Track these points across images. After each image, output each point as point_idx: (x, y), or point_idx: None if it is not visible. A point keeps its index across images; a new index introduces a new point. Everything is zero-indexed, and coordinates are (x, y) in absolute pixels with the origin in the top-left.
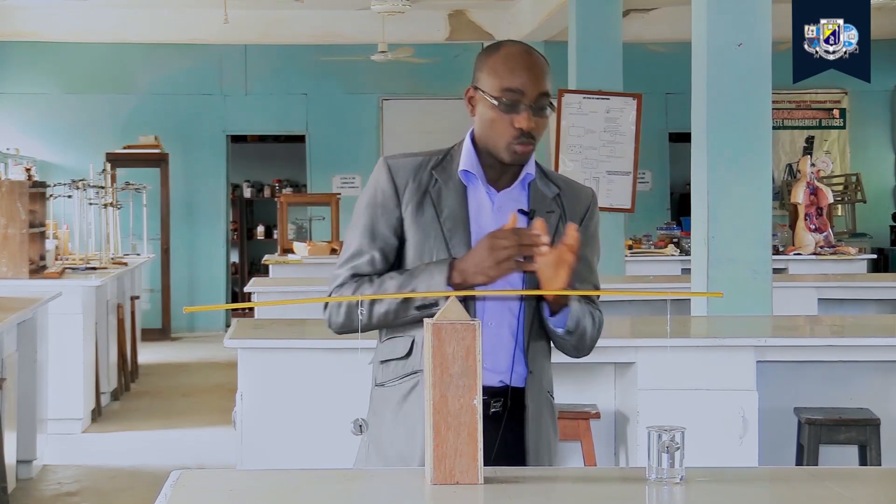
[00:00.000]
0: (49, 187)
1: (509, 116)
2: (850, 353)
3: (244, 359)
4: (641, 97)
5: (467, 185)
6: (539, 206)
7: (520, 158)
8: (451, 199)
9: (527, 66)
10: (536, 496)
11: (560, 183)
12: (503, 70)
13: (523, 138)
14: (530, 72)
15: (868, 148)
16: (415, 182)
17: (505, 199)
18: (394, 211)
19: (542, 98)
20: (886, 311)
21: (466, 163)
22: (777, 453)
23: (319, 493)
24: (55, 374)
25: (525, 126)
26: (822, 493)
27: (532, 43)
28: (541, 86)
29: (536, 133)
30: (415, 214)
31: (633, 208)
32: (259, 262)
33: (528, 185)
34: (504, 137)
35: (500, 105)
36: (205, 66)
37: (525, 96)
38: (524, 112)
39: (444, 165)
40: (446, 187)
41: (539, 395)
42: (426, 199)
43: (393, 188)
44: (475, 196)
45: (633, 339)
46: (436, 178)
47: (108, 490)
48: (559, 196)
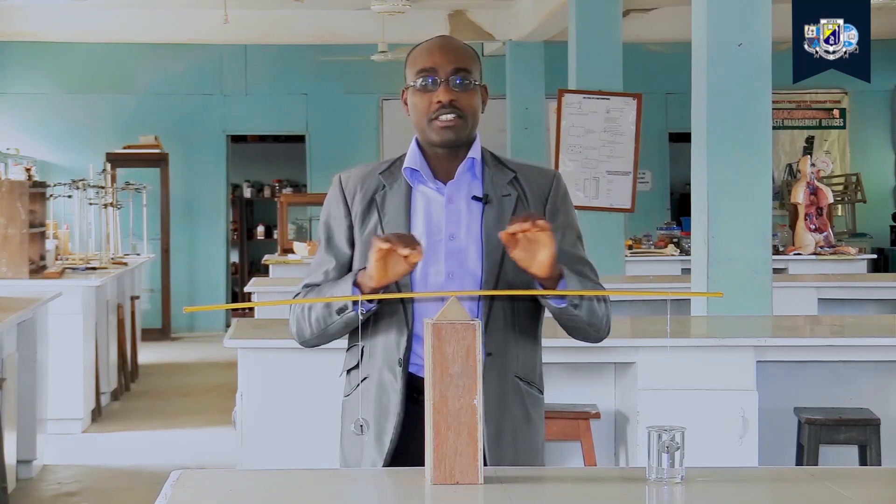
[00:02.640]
0: (49, 187)
1: (428, 94)
2: (850, 353)
3: (244, 359)
4: (641, 97)
5: (413, 185)
6: (493, 191)
7: (449, 134)
8: (395, 203)
9: (439, 47)
10: (536, 496)
11: (515, 167)
12: (418, 57)
13: (444, 110)
14: (442, 50)
15: (868, 148)
16: (362, 190)
17: (455, 189)
18: (343, 221)
19: (458, 73)
20: (886, 311)
21: (410, 161)
22: (777, 453)
23: (319, 493)
24: (55, 374)
25: (443, 98)
26: (822, 493)
27: (532, 43)
28: (455, 62)
29: (460, 105)
30: (361, 222)
31: (633, 208)
32: (259, 262)
33: (482, 172)
34: (426, 115)
35: (418, 87)
36: (205, 66)
37: (438, 72)
38: (440, 86)
39: (391, 170)
40: (391, 190)
41: (501, 378)
42: (372, 204)
43: (342, 199)
44: (423, 194)
45: (633, 339)
46: (383, 182)
47: (108, 490)
48: (515, 179)
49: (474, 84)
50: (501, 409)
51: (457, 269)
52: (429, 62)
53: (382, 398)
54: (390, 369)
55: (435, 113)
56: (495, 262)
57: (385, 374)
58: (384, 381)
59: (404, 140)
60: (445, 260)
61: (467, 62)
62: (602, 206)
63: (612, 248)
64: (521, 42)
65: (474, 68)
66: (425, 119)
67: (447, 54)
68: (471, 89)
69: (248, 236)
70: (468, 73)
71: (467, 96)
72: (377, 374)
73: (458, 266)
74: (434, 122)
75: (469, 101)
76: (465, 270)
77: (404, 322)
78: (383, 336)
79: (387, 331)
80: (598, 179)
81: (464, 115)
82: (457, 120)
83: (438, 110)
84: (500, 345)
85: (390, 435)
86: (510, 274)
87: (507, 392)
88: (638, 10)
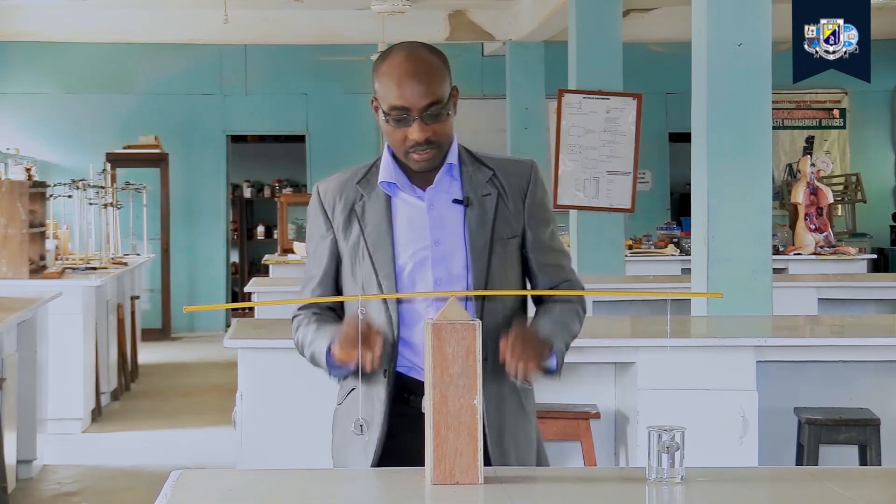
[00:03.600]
0: (49, 187)
1: (402, 130)
2: (850, 353)
3: (244, 359)
4: (641, 97)
5: (392, 194)
6: (473, 192)
7: (423, 166)
8: (375, 213)
9: (410, 78)
10: (536, 496)
11: (493, 164)
12: (388, 85)
13: (419, 147)
14: (414, 85)
15: (868, 148)
16: (341, 201)
17: (434, 195)
18: (327, 234)
19: (432, 107)
20: (886, 311)
21: (385, 174)
22: (777, 453)
23: (319, 493)
24: (55, 374)
25: (416, 138)
26: (822, 493)
27: (532, 43)
28: (428, 96)
29: (435, 138)
30: (343, 234)
31: (633, 208)
32: (259, 262)
33: (460, 173)
34: (401, 148)
35: (390, 121)
36: (205, 66)
37: (411, 111)
38: (413, 124)
39: (368, 178)
40: (370, 200)
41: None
42: (352, 215)
43: (322, 212)
44: (403, 203)
45: (633, 339)
46: (361, 192)
47: (108, 490)
48: (494, 177)
49: (447, 112)
50: (501, 409)
51: (444, 275)
52: (400, 100)
53: (368, 408)
54: (376, 380)
55: (411, 148)
56: (482, 264)
57: (372, 385)
58: (371, 393)
59: None
60: (433, 268)
61: (437, 89)
62: (602, 206)
63: (612, 248)
64: (521, 42)
65: (444, 87)
66: (401, 149)
67: (418, 86)
68: (443, 118)
69: (248, 236)
70: (440, 103)
71: (442, 125)
72: (365, 385)
73: (445, 273)
74: (410, 154)
75: (443, 129)
76: (453, 276)
77: (390, 333)
78: None
79: None
80: (598, 179)
81: (439, 144)
82: (432, 151)
83: (414, 147)
84: (496, 347)
85: (374, 446)
86: (498, 275)
87: (505, 395)
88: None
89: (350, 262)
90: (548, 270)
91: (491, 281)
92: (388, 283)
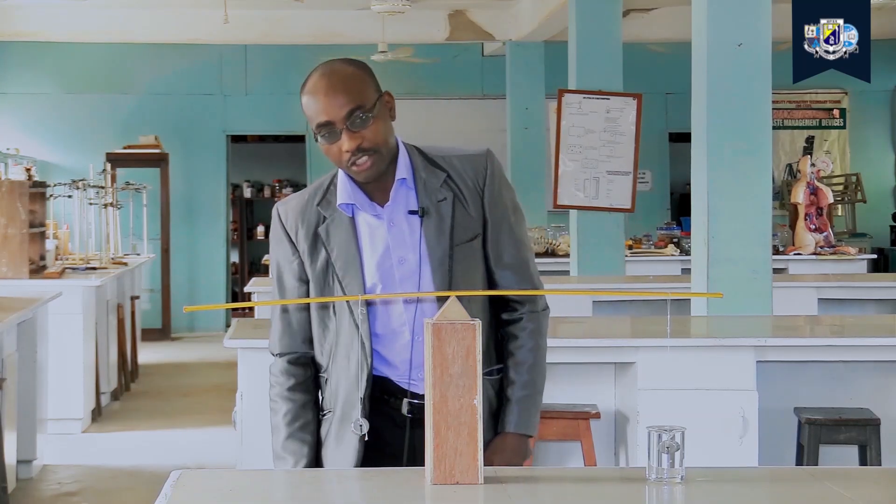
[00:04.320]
0: (49, 187)
1: (334, 145)
2: (850, 353)
3: (244, 359)
4: (641, 97)
5: (352, 214)
6: (428, 200)
7: (368, 175)
8: (340, 236)
9: (325, 93)
10: (536, 496)
11: (446, 164)
12: (309, 108)
13: (354, 157)
14: (329, 99)
15: (868, 148)
16: (304, 225)
17: (392, 210)
18: (292, 258)
19: (353, 113)
20: (886, 311)
21: (343, 196)
22: (777, 453)
23: (319, 493)
24: (55, 374)
25: (348, 147)
26: (822, 493)
27: (532, 43)
28: (346, 103)
29: (368, 143)
30: (309, 259)
31: (633, 208)
32: (259, 262)
33: (414, 182)
34: (342, 164)
35: (321, 141)
36: (205, 66)
37: (335, 124)
38: (342, 135)
39: (327, 199)
40: (333, 223)
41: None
42: (317, 240)
43: (286, 237)
44: (365, 221)
45: (633, 339)
46: (323, 215)
47: (108, 490)
48: (448, 178)
49: (373, 116)
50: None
51: (412, 289)
52: (321, 115)
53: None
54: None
55: (348, 161)
56: (444, 274)
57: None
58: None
59: (404, 140)
60: (400, 285)
61: (355, 96)
62: (602, 206)
63: (612, 248)
64: (521, 42)
65: (367, 93)
66: (343, 165)
67: (335, 98)
68: (371, 122)
69: (248, 236)
70: (363, 109)
71: (371, 130)
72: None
73: (412, 287)
74: (351, 167)
75: (374, 134)
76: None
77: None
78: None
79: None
80: (598, 179)
81: (376, 150)
82: (370, 158)
83: (350, 158)
84: None
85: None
86: (461, 279)
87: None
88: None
89: (318, 287)
90: (507, 266)
91: (455, 287)
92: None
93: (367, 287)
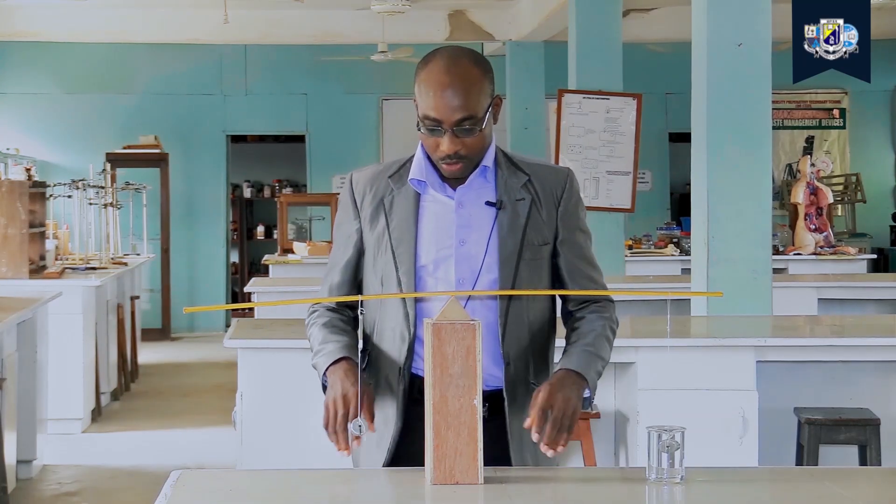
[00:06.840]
0: (49, 187)
1: (434, 138)
2: (850, 353)
3: (244, 359)
4: (641, 97)
5: (421, 192)
6: (507, 195)
7: (453, 174)
8: (402, 208)
9: (445, 90)
10: (536, 496)
11: (529, 169)
12: (424, 94)
13: (448, 159)
14: (444, 100)
15: (868, 148)
16: (371, 192)
17: (465, 194)
18: (354, 223)
19: (465, 122)
20: (886, 311)
21: (416, 171)
22: (777, 453)
23: (319, 493)
24: (55, 374)
25: (447, 150)
26: (822, 493)
27: (532, 43)
28: (460, 110)
29: (466, 152)
30: (370, 225)
31: (633, 208)
32: (259, 262)
33: (495, 176)
34: (433, 154)
35: (423, 129)
36: (205, 66)
37: (443, 123)
38: (445, 136)
39: (400, 174)
40: (399, 195)
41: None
42: (380, 208)
43: (352, 201)
44: (431, 201)
45: (633, 339)
46: (391, 186)
47: (108, 490)
48: (529, 182)
49: (480, 128)
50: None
51: (468, 275)
52: (432, 112)
53: (384, 406)
54: (392, 378)
55: (441, 159)
56: (510, 268)
57: (386, 382)
58: (385, 390)
59: (404, 140)
60: (456, 266)
61: (472, 103)
62: (602, 206)
63: (612, 248)
64: (521, 42)
65: (481, 102)
66: (432, 155)
67: (452, 100)
68: (477, 133)
69: (248, 236)
70: (473, 119)
71: (475, 140)
72: (380, 383)
73: (469, 272)
74: (442, 163)
75: (474, 144)
76: (477, 277)
77: (407, 329)
78: (388, 343)
79: (391, 339)
80: (598, 179)
81: (470, 158)
82: (459, 165)
83: (444, 158)
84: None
85: (388, 444)
86: (525, 281)
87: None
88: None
89: (373, 254)
90: (578, 279)
91: (519, 286)
92: (408, 280)
93: (419, 263)
